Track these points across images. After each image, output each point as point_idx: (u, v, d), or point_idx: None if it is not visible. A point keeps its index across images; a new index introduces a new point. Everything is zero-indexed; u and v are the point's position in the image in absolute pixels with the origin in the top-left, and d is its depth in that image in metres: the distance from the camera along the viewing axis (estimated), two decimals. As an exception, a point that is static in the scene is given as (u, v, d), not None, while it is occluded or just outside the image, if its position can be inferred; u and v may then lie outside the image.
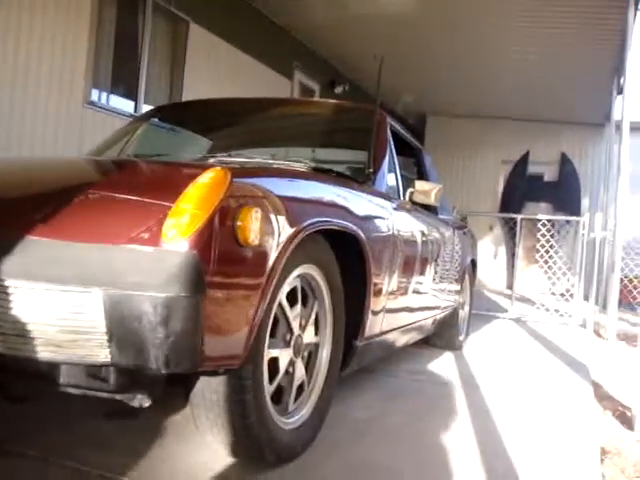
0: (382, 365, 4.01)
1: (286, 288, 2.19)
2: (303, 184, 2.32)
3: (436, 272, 4.04)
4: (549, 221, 7.84)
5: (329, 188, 2.50)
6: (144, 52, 6.75)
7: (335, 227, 2.34)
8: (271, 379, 2.18)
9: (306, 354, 2.42)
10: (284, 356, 2.24)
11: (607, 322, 6.67)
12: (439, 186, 3.55)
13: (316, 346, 2.51)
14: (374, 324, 2.89)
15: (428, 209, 4.08)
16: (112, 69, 6.51)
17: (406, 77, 10.62)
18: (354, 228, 2.48)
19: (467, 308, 5.48)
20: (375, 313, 2.85)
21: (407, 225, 3.32)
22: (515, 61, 9.26)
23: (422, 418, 3.04)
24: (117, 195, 1.89)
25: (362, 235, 2.53)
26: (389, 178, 3.36)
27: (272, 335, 2.18)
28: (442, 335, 4.96)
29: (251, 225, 1.80)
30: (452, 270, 4.54)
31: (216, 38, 7.61)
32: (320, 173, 2.85)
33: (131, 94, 6.71)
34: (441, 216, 4.47)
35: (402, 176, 3.67)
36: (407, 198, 3.51)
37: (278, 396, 2.27)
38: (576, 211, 13.20)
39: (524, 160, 13.72)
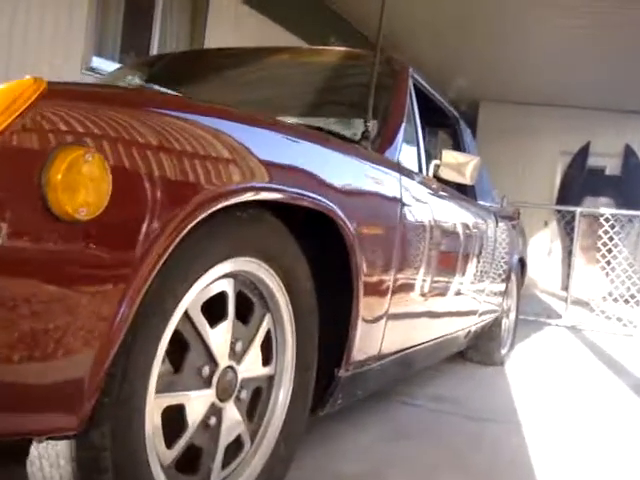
0: (399, 385, 3.14)
1: (199, 295, 1.36)
2: (236, 129, 1.44)
3: (471, 271, 3.15)
4: (613, 216, 6.83)
5: (291, 142, 1.64)
6: (156, 20, 5.98)
7: (286, 199, 1.50)
8: (175, 438, 1.36)
9: (247, 394, 1.58)
10: (197, 402, 1.40)
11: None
12: (476, 159, 2.67)
13: (269, 380, 1.67)
14: (368, 343, 2.03)
15: (464, 191, 3.20)
16: (121, 33, 5.74)
17: (458, 58, 9.71)
18: (326, 203, 1.62)
19: (513, 316, 4.56)
20: (369, 327, 2.00)
21: (426, 207, 2.44)
22: (576, 38, 8.21)
23: (434, 477, 2.18)
24: None
25: (341, 214, 1.67)
26: (405, 147, 2.48)
27: (177, 369, 1.36)
28: (480, 348, 4.08)
29: (73, 182, 0.97)
30: (494, 270, 3.63)
31: (243, 7, 6.76)
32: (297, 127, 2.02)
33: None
34: (481, 202, 3.58)
35: (426, 147, 2.81)
36: (430, 173, 2.64)
37: (193, 461, 1.44)
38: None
39: (584, 152, 12.69)
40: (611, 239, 6.80)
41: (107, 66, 5.14)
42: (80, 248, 1.02)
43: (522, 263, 4.60)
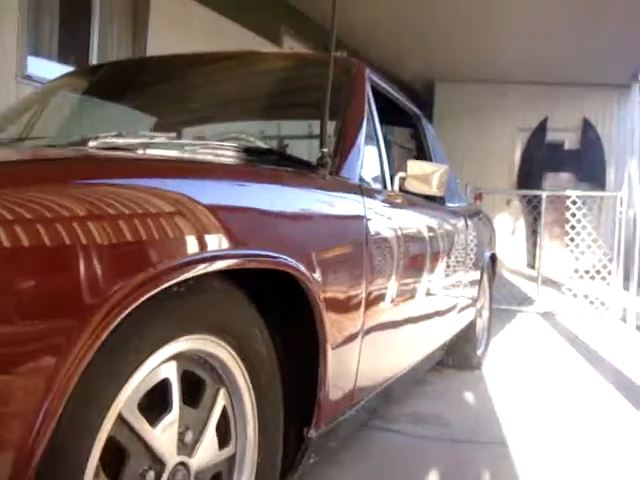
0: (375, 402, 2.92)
1: (134, 393, 1.13)
2: (175, 186, 1.19)
3: (444, 284, 2.96)
4: (579, 197, 6.72)
5: (239, 190, 1.40)
6: (94, 18, 5.63)
7: (239, 264, 1.26)
8: None
9: (205, 484, 1.35)
10: (140, 516, 1.17)
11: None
12: (443, 167, 2.45)
13: (229, 462, 1.44)
14: (340, 394, 1.81)
15: (431, 198, 2.98)
16: (57, 34, 5.39)
17: (411, 38, 9.50)
18: (284, 259, 1.38)
19: (486, 314, 4.39)
20: (339, 379, 1.78)
21: (393, 227, 2.22)
22: (531, 14, 8.05)
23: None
24: None
25: (301, 268, 1.44)
26: (367, 160, 2.25)
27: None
28: (455, 353, 3.89)
29: None
30: (466, 275, 3.44)
31: (190, 1, 6.40)
32: (244, 158, 1.78)
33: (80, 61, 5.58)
34: (450, 204, 3.37)
35: (390, 156, 2.58)
36: (396, 187, 2.42)
37: None
38: (601, 181, 12.10)
39: (542, 127, 12.62)
40: (574, 216, 6.67)
41: (44, 71, 4.82)
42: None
43: (493, 259, 4.42)
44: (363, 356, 1.90)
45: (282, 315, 1.55)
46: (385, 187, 2.40)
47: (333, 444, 1.95)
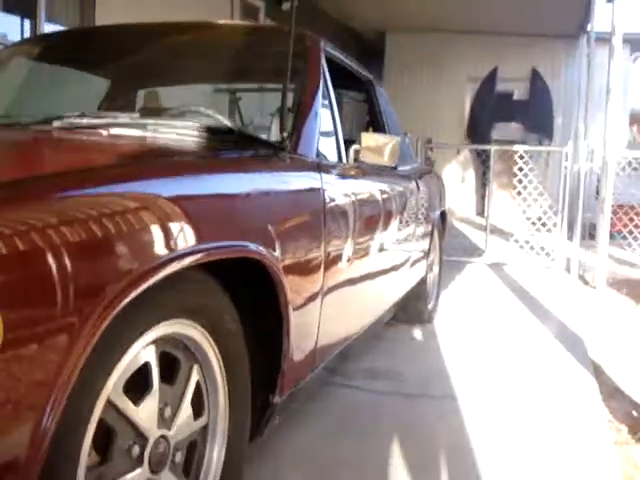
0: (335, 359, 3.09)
1: (120, 378, 1.24)
2: (139, 187, 1.28)
3: (397, 247, 3.10)
4: (526, 152, 6.91)
5: (202, 183, 1.49)
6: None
7: (209, 257, 1.37)
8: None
9: (181, 454, 1.47)
10: (130, 485, 1.30)
11: (596, 267, 5.82)
12: (395, 139, 2.57)
13: (203, 431, 1.57)
14: (301, 364, 1.95)
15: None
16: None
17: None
18: (249, 248, 1.50)
19: (436, 269, 4.57)
20: (300, 347, 1.92)
21: (350, 202, 2.33)
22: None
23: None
24: None
25: (265, 252, 1.56)
26: (323, 133, 2.35)
27: (103, 457, 1.24)
28: (407, 308, 4.05)
29: None
30: (417, 235, 3.59)
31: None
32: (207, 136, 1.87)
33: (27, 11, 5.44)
34: (401, 168, 3.49)
35: (344, 127, 2.68)
36: (351, 159, 2.53)
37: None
38: (548, 131, 12.35)
39: (492, 77, 12.76)
40: (522, 170, 6.87)
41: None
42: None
43: (443, 216, 4.58)
44: (323, 321, 2.04)
45: (245, 289, 1.66)
46: (340, 159, 2.50)
47: (296, 405, 2.10)
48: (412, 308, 4.07)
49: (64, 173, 1.17)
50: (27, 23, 5.47)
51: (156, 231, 1.21)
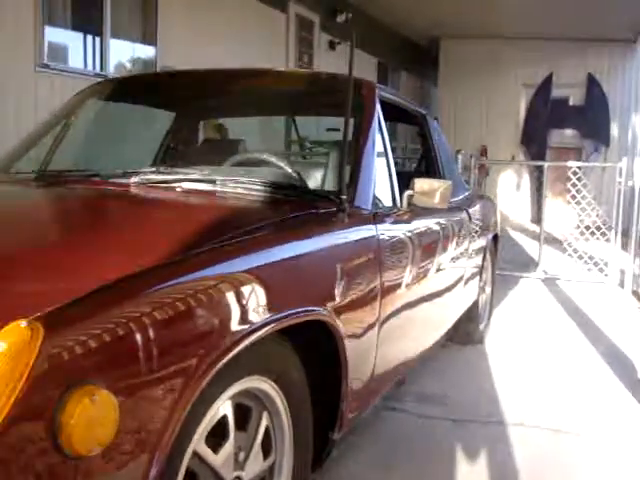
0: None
1: (203, 430, 1.44)
2: (230, 267, 1.50)
3: (450, 274, 3.26)
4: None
5: (278, 253, 1.69)
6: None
7: (291, 321, 1.59)
8: None
9: (252, 490, 1.68)
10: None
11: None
12: (446, 184, 2.71)
13: (271, 468, 1.77)
14: (358, 402, 2.14)
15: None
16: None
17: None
18: (319, 311, 1.70)
19: (489, 290, 4.70)
20: (358, 391, 2.10)
21: (404, 245, 2.51)
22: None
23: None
24: None
25: (334, 317, 1.76)
26: (378, 181, 2.53)
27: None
28: (458, 330, 4.20)
29: (83, 424, 1.03)
30: (469, 265, 3.73)
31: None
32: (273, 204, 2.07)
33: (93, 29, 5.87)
34: (453, 199, 3.63)
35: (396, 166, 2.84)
36: (404, 204, 2.69)
37: None
38: (604, 137, 12.26)
39: (547, 83, 12.74)
40: (579, 180, 6.88)
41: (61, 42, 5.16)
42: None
43: (495, 238, 4.71)
44: (378, 364, 2.22)
45: (308, 343, 1.85)
46: (394, 203, 2.66)
47: (352, 437, 2.29)
48: (463, 329, 4.21)
49: (166, 265, 1.37)
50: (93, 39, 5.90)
51: (241, 306, 1.43)
